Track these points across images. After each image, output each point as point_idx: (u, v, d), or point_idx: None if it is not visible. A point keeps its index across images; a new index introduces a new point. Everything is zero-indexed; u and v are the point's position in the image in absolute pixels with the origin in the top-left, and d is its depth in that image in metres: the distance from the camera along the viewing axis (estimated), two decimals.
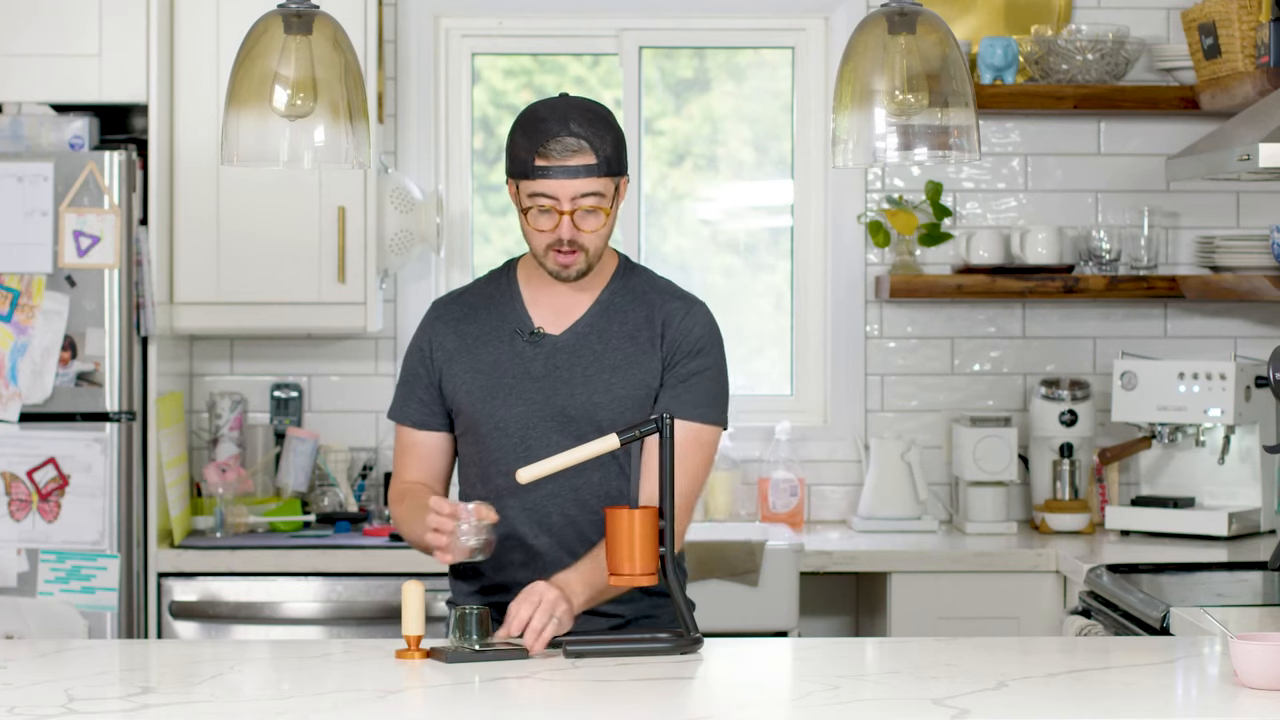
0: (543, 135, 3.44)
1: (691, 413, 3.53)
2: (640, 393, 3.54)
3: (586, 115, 3.47)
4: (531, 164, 3.45)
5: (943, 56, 3.28)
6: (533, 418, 3.53)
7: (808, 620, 5.40)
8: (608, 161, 3.46)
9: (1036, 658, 3.36)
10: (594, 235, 3.49)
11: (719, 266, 5.77)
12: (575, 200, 3.46)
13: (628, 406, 3.53)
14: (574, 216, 3.47)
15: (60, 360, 4.89)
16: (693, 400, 3.54)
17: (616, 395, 3.53)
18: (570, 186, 3.45)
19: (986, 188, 5.64)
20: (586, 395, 3.53)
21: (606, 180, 3.47)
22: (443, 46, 5.65)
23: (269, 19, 3.32)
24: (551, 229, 3.48)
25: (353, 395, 5.59)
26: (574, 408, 3.53)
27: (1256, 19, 4.94)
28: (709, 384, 3.56)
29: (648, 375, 3.55)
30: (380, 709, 2.96)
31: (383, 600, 4.97)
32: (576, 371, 3.54)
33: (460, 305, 3.65)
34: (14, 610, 4.86)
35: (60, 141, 4.98)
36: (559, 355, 3.56)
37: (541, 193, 3.46)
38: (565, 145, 3.44)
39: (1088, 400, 5.45)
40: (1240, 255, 5.25)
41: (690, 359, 3.55)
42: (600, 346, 3.56)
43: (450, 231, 5.62)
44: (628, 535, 3.29)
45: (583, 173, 3.45)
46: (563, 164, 3.44)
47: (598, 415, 3.52)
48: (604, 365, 3.55)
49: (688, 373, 3.55)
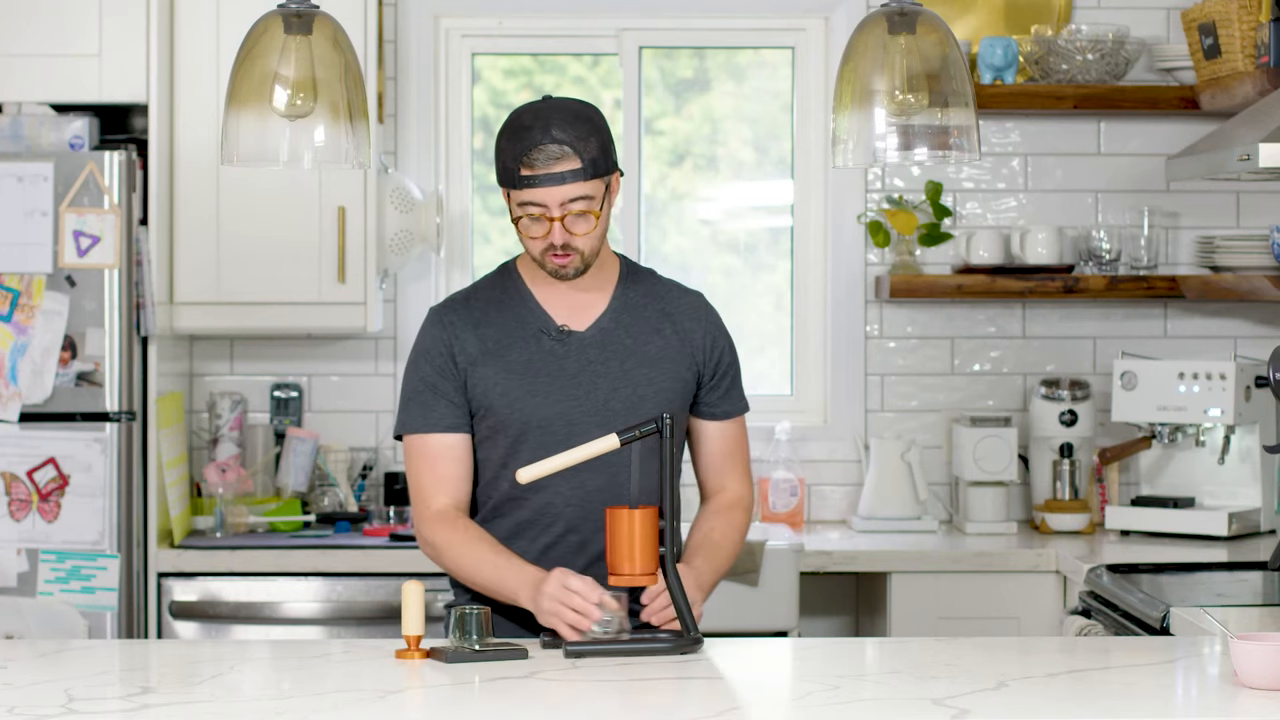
0: (526, 144, 3.45)
1: (740, 406, 3.71)
2: (677, 385, 3.60)
3: (568, 118, 3.47)
4: (517, 174, 3.46)
5: (943, 56, 3.28)
6: (575, 414, 3.53)
7: (808, 620, 5.40)
8: (593, 163, 3.47)
9: (1036, 658, 3.36)
10: (586, 238, 3.50)
11: (719, 266, 5.77)
12: (564, 206, 3.46)
13: (669, 399, 3.58)
14: (564, 222, 3.47)
15: (60, 360, 4.89)
16: (738, 394, 3.71)
17: (659, 388, 3.57)
18: (557, 193, 3.45)
19: (986, 188, 5.64)
20: (630, 389, 3.55)
21: (594, 182, 3.48)
22: (443, 46, 5.65)
23: (269, 19, 3.32)
24: (544, 236, 3.49)
25: (353, 395, 5.59)
26: (618, 401, 3.54)
27: (1256, 19, 4.94)
28: (739, 375, 3.72)
29: (681, 368, 3.61)
30: (380, 709, 2.96)
31: (383, 600, 4.97)
32: (613, 366, 3.56)
33: (469, 309, 3.63)
34: (14, 610, 4.86)
35: (60, 141, 4.98)
36: (589, 351, 3.57)
37: (530, 201, 3.47)
38: (548, 153, 3.44)
39: (1088, 400, 5.45)
40: (1240, 255, 5.25)
41: (726, 356, 3.68)
42: (630, 341, 3.58)
43: (450, 231, 5.62)
44: (628, 535, 3.30)
45: (568, 178, 3.45)
46: (547, 172, 3.44)
47: (643, 408, 3.55)
48: (640, 359, 3.58)
49: (726, 368, 3.68)
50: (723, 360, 3.66)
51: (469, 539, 3.51)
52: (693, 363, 3.62)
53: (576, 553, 3.57)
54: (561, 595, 3.34)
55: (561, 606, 3.33)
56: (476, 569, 3.49)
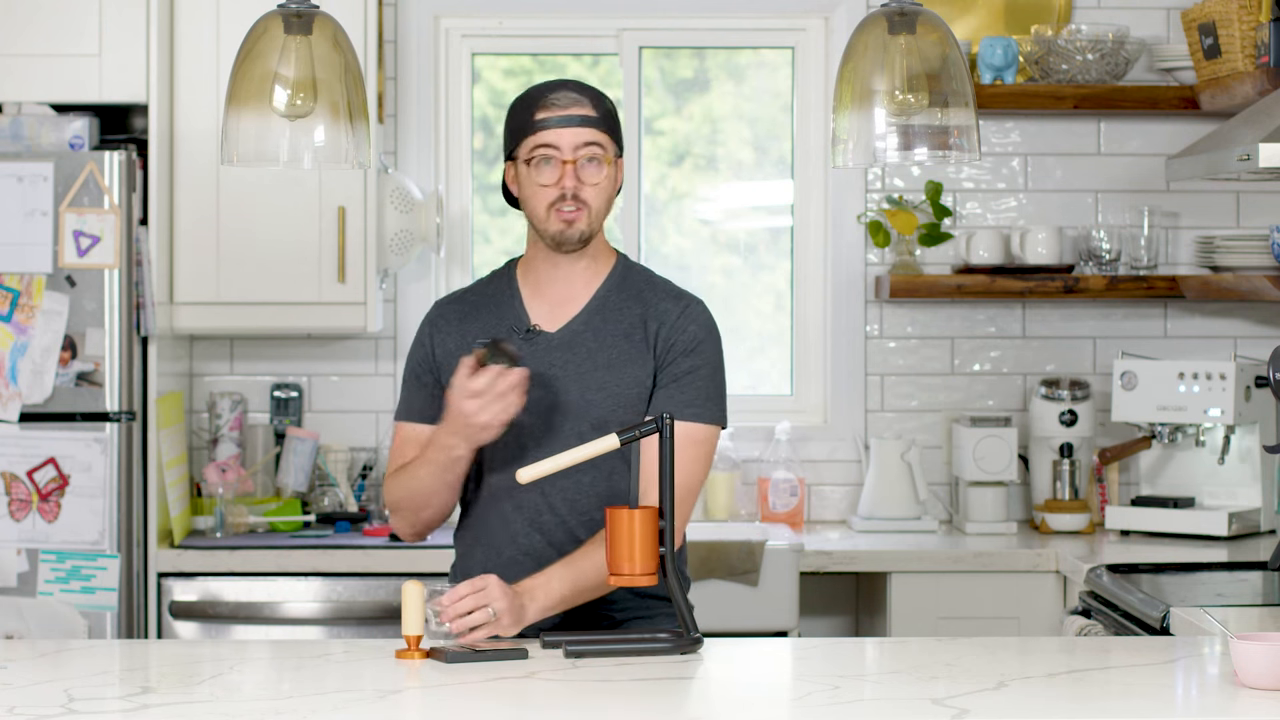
0: (542, 93, 3.52)
1: (685, 411, 3.51)
2: (634, 391, 3.53)
3: (586, 85, 3.57)
4: (531, 120, 3.50)
5: (943, 56, 3.28)
6: (524, 415, 3.51)
7: (808, 620, 5.40)
8: (607, 117, 3.53)
9: (1036, 658, 3.36)
10: (596, 189, 3.50)
11: (719, 266, 5.77)
12: (577, 150, 3.49)
13: (621, 404, 3.52)
14: (576, 167, 3.49)
15: (60, 360, 4.89)
16: (685, 399, 3.52)
17: (611, 393, 3.52)
18: (571, 135, 3.49)
19: (986, 188, 5.64)
20: (580, 393, 3.52)
21: (605, 136, 3.52)
22: (443, 46, 5.65)
23: (269, 19, 3.32)
24: (554, 182, 3.50)
25: (353, 395, 5.59)
26: (568, 405, 3.52)
27: (1256, 19, 4.94)
28: (703, 382, 3.53)
29: (641, 373, 3.54)
30: (380, 709, 2.96)
31: (383, 600, 4.97)
32: (571, 369, 3.54)
33: (461, 305, 3.65)
34: (14, 610, 4.86)
35: (60, 141, 4.98)
36: (554, 353, 3.56)
37: (543, 143, 3.49)
38: (567, 97, 3.51)
39: (1088, 400, 5.45)
40: (1240, 255, 5.25)
41: (684, 357, 3.53)
42: (594, 344, 3.55)
43: (450, 231, 5.62)
44: (627, 535, 3.29)
45: (583, 122, 3.49)
46: (564, 113, 3.49)
47: (592, 413, 3.51)
48: (598, 363, 3.54)
49: (681, 371, 3.53)
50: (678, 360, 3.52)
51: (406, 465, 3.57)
52: (653, 366, 3.54)
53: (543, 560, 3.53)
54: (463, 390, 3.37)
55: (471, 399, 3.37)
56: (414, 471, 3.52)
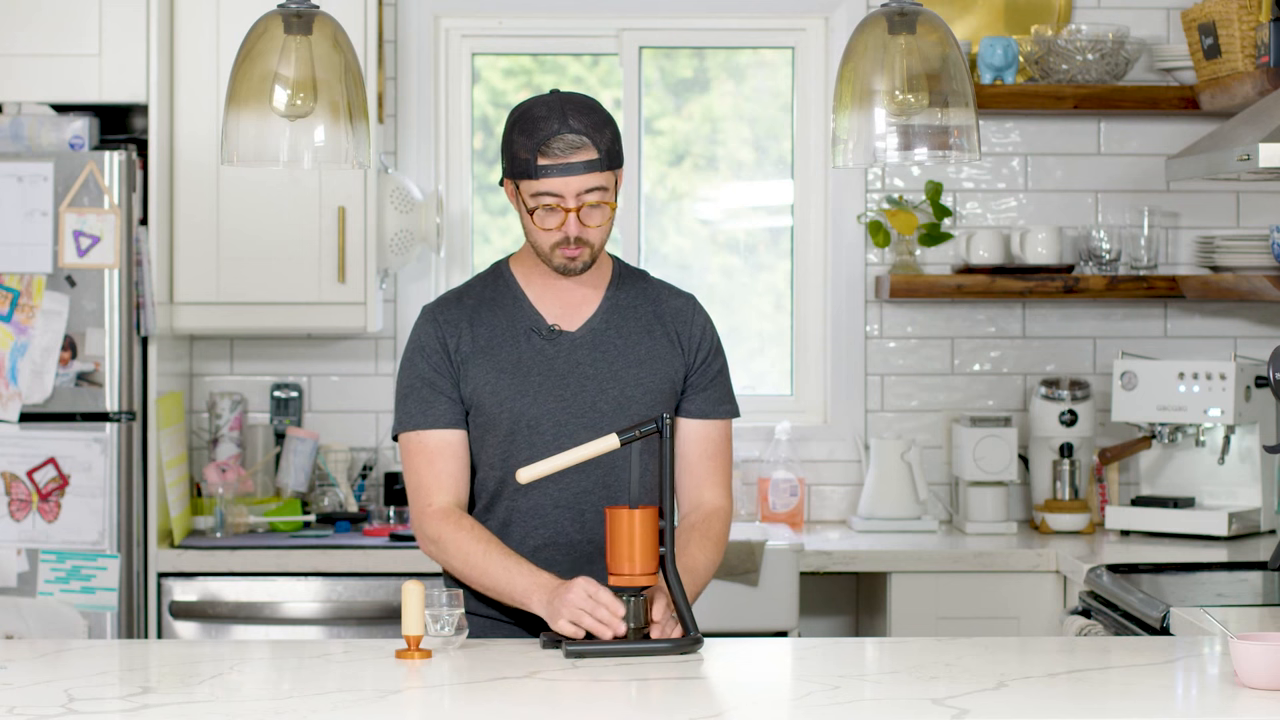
0: (543, 134, 3.44)
1: (719, 409, 3.65)
2: (666, 387, 3.58)
3: (583, 110, 3.48)
4: (534, 164, 3.45)
5: (943, 56, 3.28)
6: (564, 414, 3.52)
7: (808, 620, 5.40)
8: (609, 155, 3.48)
9: (1036, 658, 3.36)
10: (599, 230, 3.50)
11: (719, 266, 5.77)
12: (580, 197, 3.46)
13: (657, 401, 3.56)
14: (579, 213, 3.47)
15: (60, 360, 4.89)
16: (718, 397, 3.65)
17: (647, 389, 3.56)
18: (574, 184, 3.45)
19: (986, 188, 5.64)
20: (619, 390, 3.54)
21: (608, 174, 3.49)
22: (443, 46, 5.65)
23: (269, 19, 3.32)
24: (558, 227, 3.48)
25: (353, 395, 5.59)
26: (606, 403, 3.54)
27: (1256, 19, 4.94)
28: (726, 379, 3.68)
29: (670, 370, 3.59)
30: (380, 709, 2.96)
31: (383, 600, 4.97)
32: (602, 367, 3.55)
33: (461, 307, 3.62)
34: (14, 610, 4.86)
35: (60, 141, 4.98)
36: (579, 351, 3.56)
37: (546, 191, 3.46)
38: (567, 143, 3.44)
39: (1088, 400, 5.45)
40: (1240, 255, 5.25)
41: (713, 358, 3.64)
42: (621, 342, 3.57)
43: (450, 231, 5.62)
44: (628, 535, 3.29)
45: (586, 169, 3.45)
46: (566, 161, 3.44)
47: (631, 409, 3.54)
48: (629, 360, 3.57)
49: (713, 372, 3.64)
50: (709, 360, 3.63)
51: (475, 538, 3.49)
52: (682, 364, 3.61)
53: (565, 555, 3.55)
54: (588, 605, 3.30)
55: (585, 615, 3.30)
56: (485, 568, 3.46)
